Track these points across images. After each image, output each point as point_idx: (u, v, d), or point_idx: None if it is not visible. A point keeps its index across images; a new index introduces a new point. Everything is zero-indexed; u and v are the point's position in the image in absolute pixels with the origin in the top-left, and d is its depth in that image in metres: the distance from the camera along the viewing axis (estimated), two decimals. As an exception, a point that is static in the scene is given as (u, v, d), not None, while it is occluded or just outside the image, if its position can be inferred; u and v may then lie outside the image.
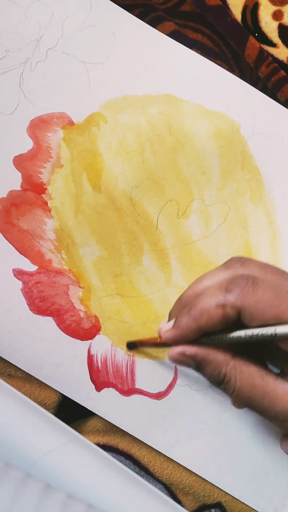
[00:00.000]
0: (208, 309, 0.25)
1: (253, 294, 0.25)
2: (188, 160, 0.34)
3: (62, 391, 0.32)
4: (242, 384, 0.26)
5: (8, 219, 0.33)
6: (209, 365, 0.26)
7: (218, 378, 0.26)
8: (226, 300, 0.25)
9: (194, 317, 0.26)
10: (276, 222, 0.34)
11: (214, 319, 0.25)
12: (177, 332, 0.27)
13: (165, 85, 0.34)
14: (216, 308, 0.25)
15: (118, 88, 0.34)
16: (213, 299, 0.25)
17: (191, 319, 0.26)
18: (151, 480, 0.32)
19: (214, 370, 0.26)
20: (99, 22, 0.34)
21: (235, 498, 0.32)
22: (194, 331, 0.26)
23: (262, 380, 0.25)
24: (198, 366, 0.27)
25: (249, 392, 0.25)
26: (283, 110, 0.35)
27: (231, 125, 0.34)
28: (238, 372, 0.26)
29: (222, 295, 0.25)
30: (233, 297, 0.25)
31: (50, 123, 0.33)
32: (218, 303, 0.25)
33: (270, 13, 0.35)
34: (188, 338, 0.27)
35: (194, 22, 0.35)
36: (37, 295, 0.32)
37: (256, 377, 0.25)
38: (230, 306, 0.25)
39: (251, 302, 0.25)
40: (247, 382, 0.25)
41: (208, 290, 0.26)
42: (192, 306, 0.26)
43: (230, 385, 0.26)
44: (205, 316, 0.25)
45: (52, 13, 0.34)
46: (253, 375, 0.25)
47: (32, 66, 0.34)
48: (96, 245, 0.33)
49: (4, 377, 0.32)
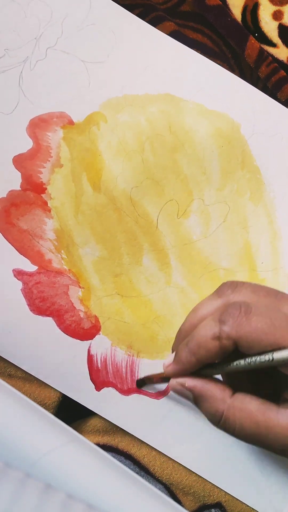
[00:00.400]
0: (205, 342, 0.25)
1: (247, 323, 0.25)
2: (188, 160, 0.34)
3: (62, 390, 0.32)
4: (243, 422, 0.25)
5: (8, 219, 0.33)
6: (206, 401, 0.26)
7: (215, 416, 0.26)
8: (222, 331, 0.25)
9: (192, 351, 0.26)
10: (276, 222, 0.34)
11: (212, 351, 0.25)
12: (178, 366, 0.27)
13: (165, 84, 0.34)
14: (212, 340, 0.25)
15: (118, 87, 0.34)
16: (208, 332, 0.25)
17: (189, 352, 0.26)
18: (151, 480, 0.32)
19: (211, 407, 0.26)
20: (99, 21, 0.34)
21: (235, 498, 0.32)
22: (193, 364, 0.26)
23: (264, 416, 0.25)
24: (196, 400, 0.27)
25: (253, 429, 0.25)
26: (283, 110, 0.35)
27: (231, 125, 0.34)
28: (238, 411, 0.25)
29: (217, 326, 0.25)
30: (228, 328, 0.25)
31: (49, 123, 0.33)
32: (214, 335, 0.25)
33: (270, 13, 0.35)
34: (188, 370, 0.27)
35: (194, 22, 0.35)
36: (37, 295, 0.32)
37: (257, 414, 0.25)
38: (225, 338, 0.25)
39: (246, 332, 0.24)
40: (249, 420, 0.25)
41: (204, 322, 0.26)
42: (190, 340, 0.26)
43: (229, 424, 0.26)
44: (203, 349, 0.25)
45: (52, 12, 0.34)
46: (254, 413, 0.25)
47: (31, 65, 0.34)
48: (96, 245, 0.33)
49: (4, 377, 0.32)
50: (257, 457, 0.32)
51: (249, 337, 0.24)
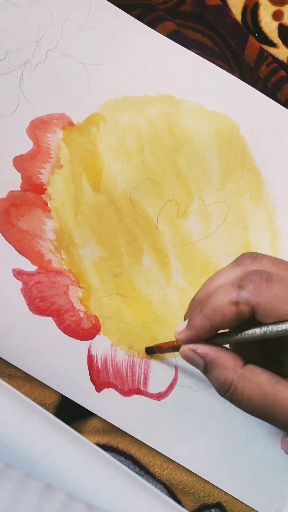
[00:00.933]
0: (221, 307, 0.25)
1: (267, 290, 0.24)
2: (188, 160, 0.34)
3: (62, 391, 0.32)
4: (252, 393, 0.25)
5: (8, 220, 0.33)
6: (217, 368, 0.26)
7: (224, 385, 0.25)
8: (239, 297, 0.24)
9: (207, 316, 0.25)
10: (276, 222, 0.34)
11: (228, 317, 0.25)
12: (191, 332, 0.26)
13: (165, 85, 0.34)
14: (229, 305, 0.25)
15: (117, 89, 0.34)
16: (225, 297, 0.25)
17: (204, 318, 0.25)
18: (151, 480, 0.32)
19: (221, 375, 0.25)
20: (98, 23, 0.34)
21: (235, 498, 0.32)
22: (207, 329, 0.26)
23: (273, 388, 0.25)
24: (206, 368, 0.26)
25: (260, 401, 0.25)
26: (282, 110, 0.35)
27: (231, 125, 0.34)
28: (247, 381, 0.25)
29: (235, 292, 0.25)
30: (247, 294, 0.24)
31: (50, 124, 0.34)
32: (231, 300, 0.25)
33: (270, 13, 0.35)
34: (202, 337, 0.26)
35: (194, 22, 0.35)
36: (37, 295, 0.32)
37: (267, 386, 0.25)
38: (243, 303, 0.24)
39: (265, 298, 0.24)
40: (257, 391, 0.25)
41: (220, 288, 0.25)
42: (205, 305, 0.25)
43: (237, 394, 0.25)
44: (218, 314, 0.25)
45: (52, 15, 0.34)
46: (264, 384, 0.25)
47: (32, 67, 0.34)
48: (96, 246, 0.33)
49: (4, 377, 0.32)
50: (257, 457, 0.32)
51: (268, 304, 0.24)
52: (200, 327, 0.26)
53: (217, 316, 0.25)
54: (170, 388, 0.32)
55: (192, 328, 0.26)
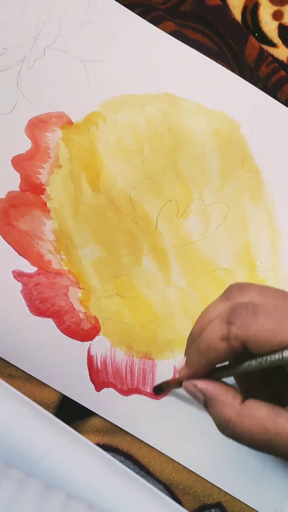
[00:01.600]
0: (214, 344, 0.25)
1: (254, 323, 0.24)
2: (188, 160, 0.34)
3: (62, 391, 0.32)
4: (252, 429, 0.25)
5: (7, 220, 0.32)
6: (216, 406, 0.26)
7: (223, 422, 0.26)
8: (229, 332, 0.25)
9: (201, 353, 0.26)
10: (276, 222, 0.34)
11: (221, 352, 0.25)
12: (189, 369, 0.27)
13: (165, 83, 0.34)
14: (221, 341, 0.25)
15: (117, 87, 0.34)
16: (216, 333, 0.25)
17: (199, 355, 0.26)
18: (151, 480, 0.32)
19: (220, 412, 0.26)
20: (97, 19, 0.34)
21: (235, 498, 0.32)
22: (204, 366, 0.26)
23: (273, 422, 0.25)
24: (206, 403, 0.27)
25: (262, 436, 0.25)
26: (283, 109, 0.35)
27: (231, 124, 0.34)
28: (247, 418, 0.25)
29: (225, 327, 0.25)
30: (235, 329, 0.25)
31: (48, 123, 0.33)
32: (222, 336, 0.25)
33: (270, 13, 0.35)
34: (201, 373, 0.27)
35: (194, 22, 0.35)
36: (36, 297, 0.32)
37: (267, 421, 0.25)
38: (233, 338, 0.25)
39: (254, 332, 0.24)
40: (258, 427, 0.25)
41: (211, 324, 0.26)
42: (199, 342, 0.26)
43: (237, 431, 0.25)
44: (212, 351, 0.25)
45: (50, 10, 0.34)
46: (264, 419, 0.25)
47: (29, 64, 0.33)
48: (95, 246, 0.33)
49: (4, 377, 0.32)
50: (257, 457, 0.32)
51: (257, 337, 0.24)
52: (197, 364, 0.26)
53: (211, 352, 0.26)
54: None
55: (190, 366, 0.27)
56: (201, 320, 0.28)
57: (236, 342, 0.25)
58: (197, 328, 0.28)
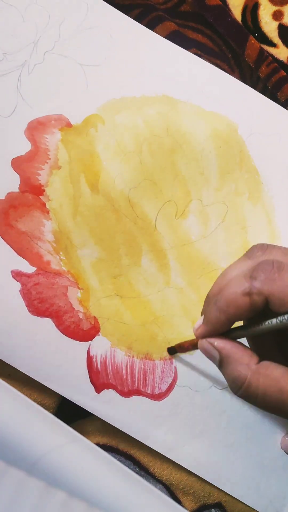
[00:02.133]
0: (235, 299, 0.25)
1: (279, 278, 0.24)
2: (186, 161, 0.34)
3: (62, 393, 0.32)
4: (268, 389, 0.24)
5: (6, 221, 0.33)
6: (231, 364, 0.25)
7: (238, 381, 0.25)
8: (252, 287, 0.24)
9: (221, 309, 0.25)
10: (275, 222, 0.34)
11: (242, 308, 0.25)
12: (207, 327, 0.26)
13: (162, 86, 0.34)
14: (242, 296, 0.24)
15: (115, 90, 0.34)
16: (238, 288, 0.25)
17: (218, 311, 0.25)
18: (151, 480, 0.32)
19: (235, 371, 0.25)
20: (96, 24, 0.35)
21: (235, 498, 0.32)
22: (223, 323, 0.25)
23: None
24: (221, 362, 0.26)
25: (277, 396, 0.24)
26: (280, 110, 0.35)
27: (229, 126, 0.34)
28: (262, 377, 0.25)
29: (248, 282, 0.24)
30: (259, 284, 0.24)
31: (48, 125, 0.34)
32: (244, 291, 0.24)
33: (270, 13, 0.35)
34: (219, 331, 0.26)
35: (194, 22, 0.35)
36: (35, 297, 0.32)
37: (282, 381, 0.24)
38: (256, 293, 0.24)
39: (278, 287, 0.24)
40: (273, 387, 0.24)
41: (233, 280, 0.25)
42: (218, 298, 0.25)
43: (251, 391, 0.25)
44: (232, 306, 0.25)
45: (49, 16, 0.34)
46: (280, 379, 0.24)
47: (29, 68, 0.34)
48: (94, 246, 0.33)
49: (4, 377, 0.32)
50: (257, 457, 0.32)
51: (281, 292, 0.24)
52: (216, 321, 0.26)
53: (231, 308, 0.25)
54: (170, 389, 0.32)
55: (208, 323, 0.26)
56: (222, 278, 0.26)
57: (259, 297, 0.24)
58: (215, 288, 0.27)
